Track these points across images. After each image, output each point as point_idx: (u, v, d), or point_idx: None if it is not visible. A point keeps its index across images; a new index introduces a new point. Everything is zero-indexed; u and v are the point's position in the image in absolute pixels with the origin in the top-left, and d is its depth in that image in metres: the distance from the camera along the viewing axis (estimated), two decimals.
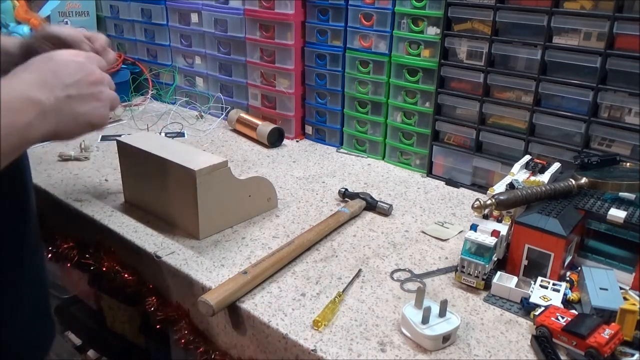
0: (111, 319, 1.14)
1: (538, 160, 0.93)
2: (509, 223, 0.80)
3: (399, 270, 0.82)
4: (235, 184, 0.91)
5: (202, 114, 1.52)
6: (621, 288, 0.72)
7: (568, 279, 0.76)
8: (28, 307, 0.72)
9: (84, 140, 1.24)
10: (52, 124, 0.59)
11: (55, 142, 1.27)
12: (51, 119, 0.58)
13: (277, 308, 0.72)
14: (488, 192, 0.84)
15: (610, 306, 0.67)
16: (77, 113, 0.62)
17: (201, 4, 1.44)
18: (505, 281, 0.75)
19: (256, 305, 0.72)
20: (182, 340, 0.80)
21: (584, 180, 0.82)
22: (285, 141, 1.36)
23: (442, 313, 0.67)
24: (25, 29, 1.42)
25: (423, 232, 0.94)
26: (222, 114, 1.48)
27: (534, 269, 0.77)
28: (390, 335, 0.67)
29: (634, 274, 0.75)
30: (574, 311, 0.68)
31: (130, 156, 0.96)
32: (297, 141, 1.38)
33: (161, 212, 0.93)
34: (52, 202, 1.02)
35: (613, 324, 0.64)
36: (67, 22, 1.64)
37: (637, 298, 0.70)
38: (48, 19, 1.56)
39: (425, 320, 0.66)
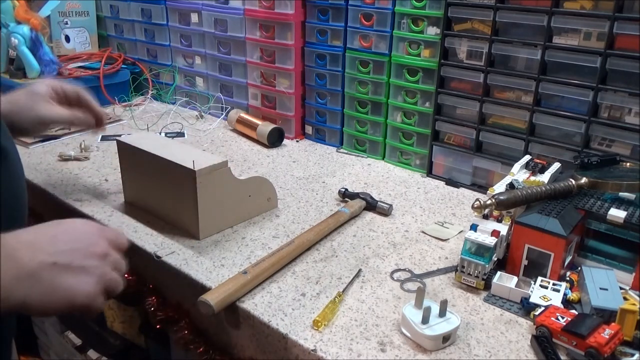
0: (111, 319, 1.14)
1: (538, 160, 0.93)
2: (509, 223, 0.80)
3: (399, 270, 0.82)
4: (235, 184, 0.91)
5: (202, 114, 1.52)
6: (621, 288, 0.72)
7: (568, 279, 0.76)
8: None
9: (84, 141, 1.24)
10: (23, 290, 0.50)
11: (54, 142, 1.27)
12: (24, 285, 0.50)
13: (277, 308, 0.72)
14: (488, 192, 0.84)
15: (610, 306, 0.67)
16: (57, 284, 0.53)
17: (201, 4, 1.44)
18: (505, 281, 0.75)
19: (256, 305, 0.72)
20: (182, 340, 0.80)
21: (584, 180, 0.82)
22: (285, 141, 1.36)
23: (442, 313, 0.67)
24: (25, 29, 1.42)
25: (423, 232, 0.94)
26: (222, 114, 1.48)
27: (534, 269, 0.76)
28: (390, 335, 0.67)
29: (634, 274, 0.75)
30: (574, 311, 0.68)
31: (130, 156, 0.96)
32: (297, 141, 1.38)
33: (161, 212, 0.93)
34: (52, 202, 1.02)
35: (613, 324, 0.64)
36: (67, 22, 1.64)
37: (637, 298, 0.70)
38: (48, 19, 1.56)
39: (425, 320, 0.66)
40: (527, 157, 0.95)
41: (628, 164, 0.89)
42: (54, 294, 0.53)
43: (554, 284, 0.74)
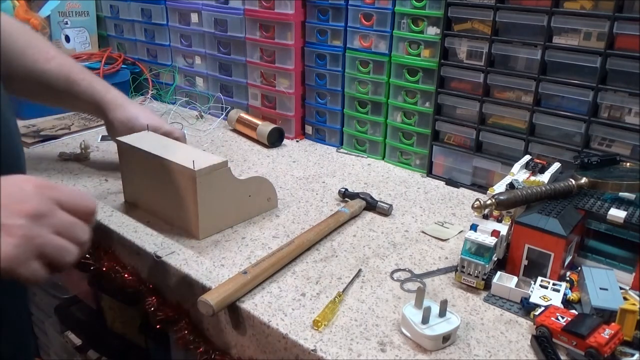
0: (111, 319, 1.14)
1: (538, 160, 0.93)
2: (509, 223, 0.80)
3: (399, 270, 0.82)
4: (235, 184, 0.91)
5: (202, 114, 1.52)
6: (621, 288, 0.72)
7: (568, 279, 0.76)
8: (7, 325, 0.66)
9: (84, 140, 1.24)
10: None
11: (54, 142, 1.27)
12: None
13: (277, 308, 0.72)
14: (488, 192, 0.84)
15: (610, 306, 0.67)
16: None
17: (201, 4, 1.44)
18: (505, 281, 0.75)
19: (256, 305, 0.72)
20: (182, 340, 0.80)
21: (584, 180, 0.82)
22: (285, 141, 1.36)
23: (442, 313, 0.67)
24: None
25: (423, 232, 0.94)
26: (222, 114, 1.48)
27: (534, 269, 0.76)
28: (390, 335, 0.67)
29: (634, 274, 0.75)
30: (574, 311, 0.68)
31: (130, 156, 0.96)
32: (297, 141, 1.38)
33: (161, 212, 0.93)
34: None
35: (613, 324, 0.64)
36: (67, 22, 1.64)
37: (637, 298, 0.70)
38: (48, 19, 1.56)
39: (425, 320, 0.66)
40: (527, 157, 0.95)
41: (628, 164, 0.89)
42: None
43: (554, 284, 0.74)
